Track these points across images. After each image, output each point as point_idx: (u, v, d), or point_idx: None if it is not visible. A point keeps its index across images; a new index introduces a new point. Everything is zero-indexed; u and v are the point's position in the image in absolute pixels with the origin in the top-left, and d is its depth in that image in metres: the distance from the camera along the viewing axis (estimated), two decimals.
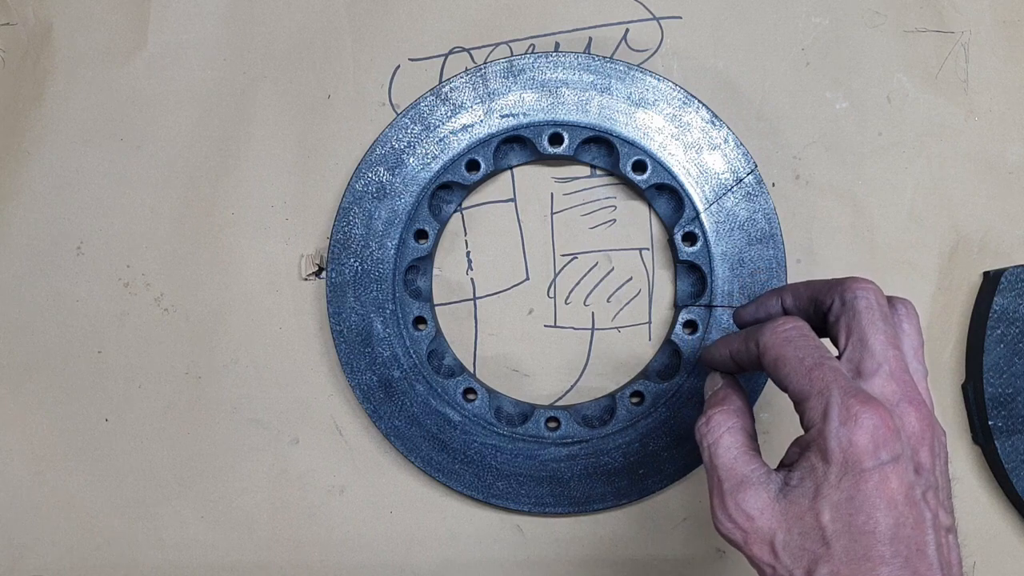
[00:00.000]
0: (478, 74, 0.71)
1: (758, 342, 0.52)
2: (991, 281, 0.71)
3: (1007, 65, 0.73)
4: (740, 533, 0.48)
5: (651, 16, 0.74)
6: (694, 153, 0.71)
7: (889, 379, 0.48)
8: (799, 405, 0.49)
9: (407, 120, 0.71)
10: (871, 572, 0.45)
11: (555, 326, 0.74)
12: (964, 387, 0.72)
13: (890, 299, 0.53)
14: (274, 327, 0.74)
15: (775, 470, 0.50)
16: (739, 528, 0.48)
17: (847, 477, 0.46)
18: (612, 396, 0.72)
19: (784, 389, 0.50)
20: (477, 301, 0.74)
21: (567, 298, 0.74)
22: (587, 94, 0.71)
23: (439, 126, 0.71)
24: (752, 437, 0.53)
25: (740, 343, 0.55)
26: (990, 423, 0.70)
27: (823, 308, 0.54)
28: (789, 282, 0.71)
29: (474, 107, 0.71)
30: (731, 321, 0.70)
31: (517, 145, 0.73)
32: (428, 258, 0.73)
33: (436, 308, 0.74)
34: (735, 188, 0.71)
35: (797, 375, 0.49)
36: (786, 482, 0.48)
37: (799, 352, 0.50)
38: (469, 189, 0.73)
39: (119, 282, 0.75)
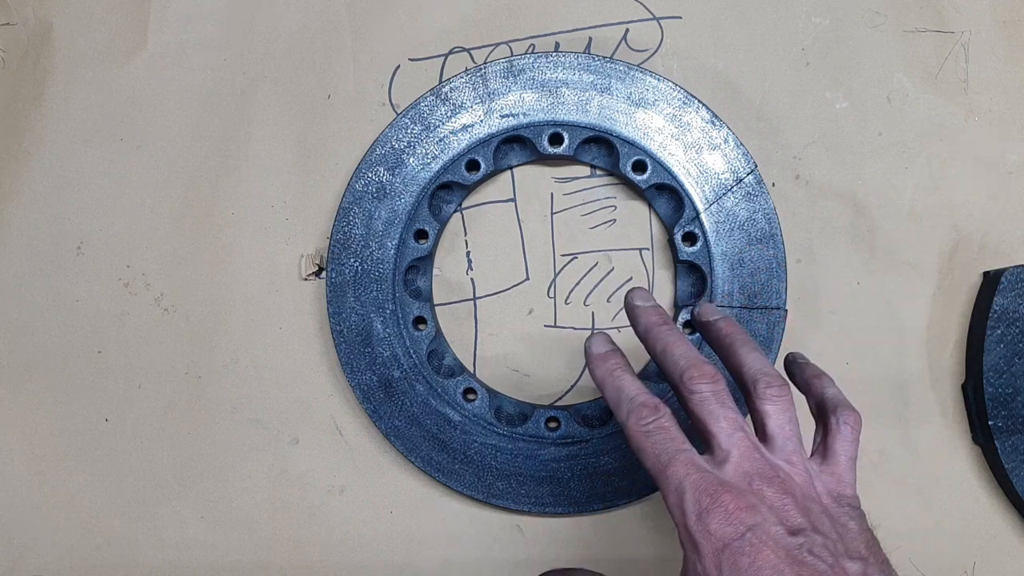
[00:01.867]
0: (478, 74, 0.71)
1: (626, 423, 0.52)
2: (991, 281, 0.71)
3: (1007, 65, 0.73)
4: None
5: (651, 16, 0.74)
6: (694, 153, 0.71)
7: (739, 463, 0.49)
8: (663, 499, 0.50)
9: (407, 120, 0.71)
10: None
11: (555, 326, 0.74)
12: (964, 387, 0.72)
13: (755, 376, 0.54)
14: (274, 327, 0.74)
15: None
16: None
17: (723, 564, 0.46)
18: None
19: None
20: (477, 301, 0.74)
21: (567, 298, 0.74)
22: (587, 94, 0.71)
23: (439, 126, 0.71)
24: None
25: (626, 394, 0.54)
26: (990, 423, 0.70)
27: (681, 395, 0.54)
28: (791, 284, 0.71)
29: (474, 107, 0.71)
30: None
31: (517, 145, 0.73)
32: (428, 258, 0.73)
33: (436, 308, 0.74)
34: (735, 188, 0.71)
35: (655, 471, 0.50)
36: None
37: (656, 447, 0.51)
38: (469, 189, 0.73)
39: (119, 282, 0.75)
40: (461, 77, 0.71)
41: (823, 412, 0.57)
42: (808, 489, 0.50)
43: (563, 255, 0.74)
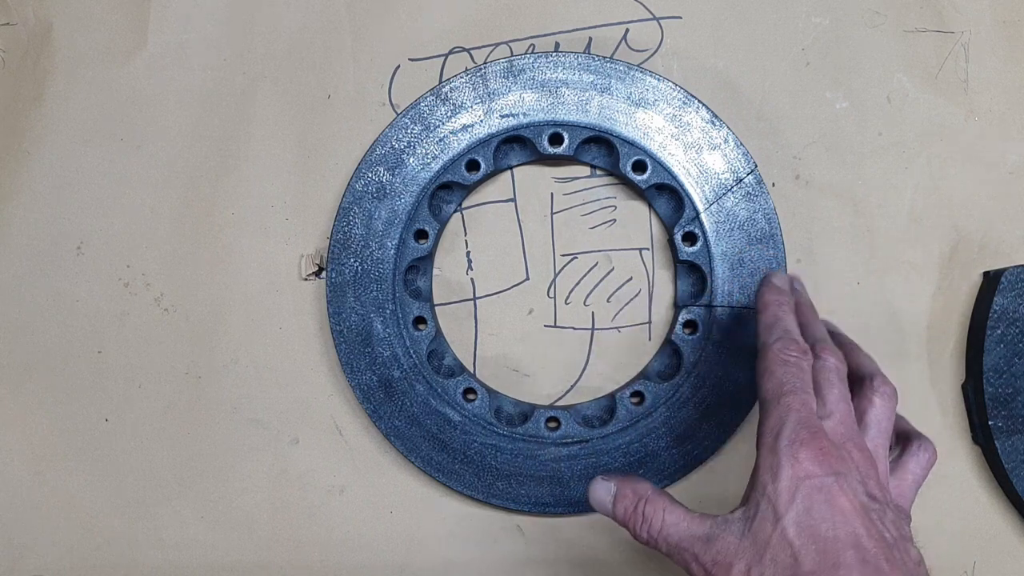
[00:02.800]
0: (478, 74, 0.71)
1: (770, 345, 0.55)
2: (991, 281, 0.71)
3: (1007, 65, 0.73)
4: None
5: (651, 16, 0.74)
6: (694, 153, 0.71)
7: (838, 424, 0.52)
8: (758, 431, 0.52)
9: (407, 120, 0.71)
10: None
11: (555, 326, 0.74)
12: (964, 387, 0.72)
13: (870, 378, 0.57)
14: (274, 327, 0.74)
15: (730, 514, 0.52)
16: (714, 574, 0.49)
17: (799, 491, 0.48)
18: (612, 396, 0.72)
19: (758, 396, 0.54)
20: (477, 301, 0.74)
21: (567, 298, 0.74)
22: (587, 94, 0.71)
23: (439, 126, 0.71)
24: (683, 505, 0.55)
25: (764, 327, 0.58)
26: (990, 423, 0.70)
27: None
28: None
29: (474, 107, 0.71)
30: (731, 322, 0.70)
31: (517, 145, 0.73)
32: (428, 258, 0.73)
33: (436, 308, 0.74)
34: (735, 188, 0.71)
35: (771, 394, 0.53)
36: (745, 516, 0.50)
37: (785, 376, 0.53)
38: (469, 189, 0.73)
39: (119, 282, 0.75)
40: (461, 77, 0.71)
41: (906, 435, 0.59)
42: (885, 479, 0.53)
43: (563, 255, 0.74)
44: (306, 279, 0.74)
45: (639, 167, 0.71)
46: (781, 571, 0.47)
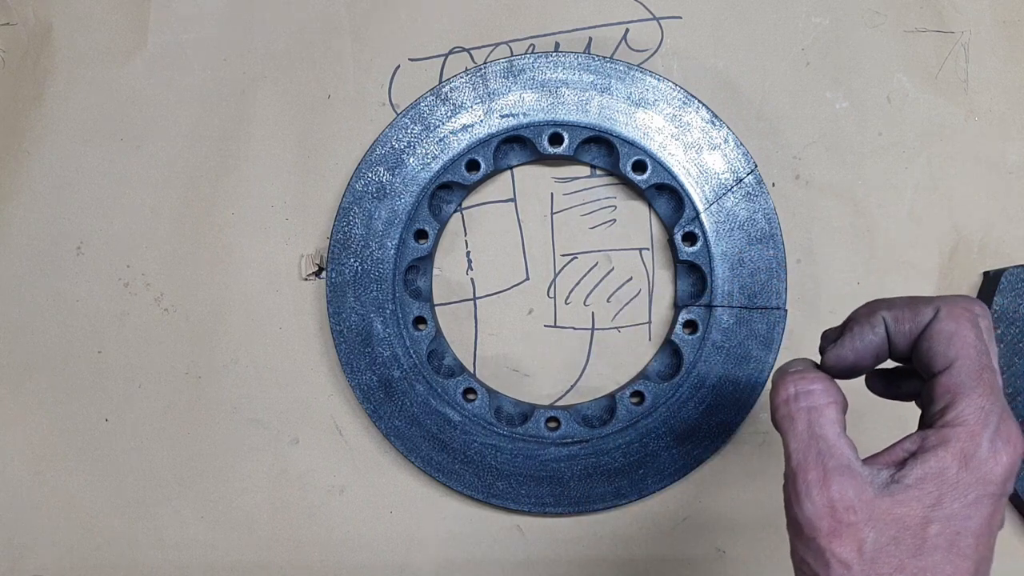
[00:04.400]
0: (478, 74, 0.71)
1: (939, 308, 0.45)
2: (991, 281, 0.71)
3: (1007, 65, 0.73)
4: (828, 521, 0.43)
5: (651, 16, 0.74)
6: (694, 153, 0.71)
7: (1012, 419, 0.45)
8: (948, 394, 0.44)
9: (407, 120, 0.71)
10: None
11: (555, 326, 0.74)
12: None
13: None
14: (274, 327, 0.74)
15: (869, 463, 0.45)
16: (830, 514, 0.42)
17: (970, 497, 0.42)
18: (612, 396, 0.72)
19: (933, 365, 0.44)
20: (477, 301, 0.74)
21: (567, 298, 0.74)
22: (587, 94, 0.71)
23: (439, 126, 0.71)
24: (845, 424, 0.46)
25: (906, 308, 0.46)
26: None
27: (922, 324, 0.46)
28: (791, 284, 0.71)
29: (474, 107, 0.71)
30: (731, 320, 0.70)
31: (517, 145, 0.73)
32: (428, 258, 0.73)
33: (436, 308, 0.74)
34: (735, 188, 0.71)
35: (969, 364, 0.43)
36: (895, 479, 0.43)
37: (979, 344, 0.44)
38: (469, 189, 0.73)
39: (119, 282, 0.75)
40: (461, 77, 0.71)
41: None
42: None
43: (563, 255, 0.74)
44: (306, 279, 0.74)
45: (639, 167, 0.71)
46: (893, 556, 0.42)
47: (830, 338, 0.50)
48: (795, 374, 0.47)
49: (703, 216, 0.71)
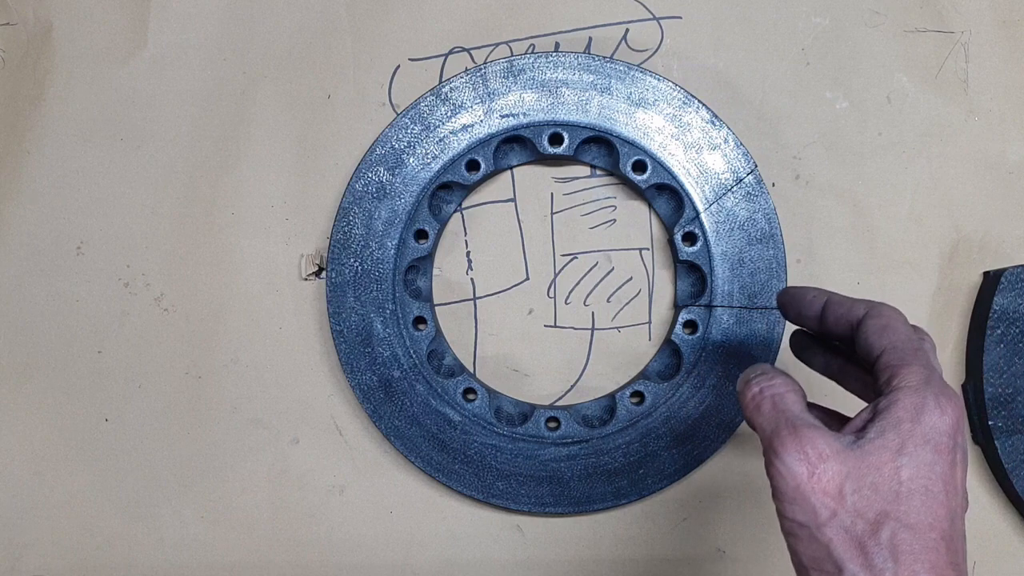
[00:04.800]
0: (478, 74, 0.71)
1: (870, 307, 0.52)
2: (991, 281, 0.71)
3: (1007, 65, 0.73)
4: (805, 466, 0.45)
5: (651, 16, 0.74)
6: (694, 153, 0.71)
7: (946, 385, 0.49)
8: (888, 368, 0.48)
9: (407, 120, 0.71)
10: (932, 544, 0.44)
11: (555, 326, 0.74)
12: (964, 387, 0.72)
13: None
14: (274, 327, 0.74)
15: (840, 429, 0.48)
16: (806, 461, 0.45)
17: (928, 446, 0.45)
18: (612, 396, 0.72)
19: (873, 352, 0.50)
20: (477, 301, 0.74)
21: (567, 298, 0.74)
22: (587, 94, 0.71)
23: (439, 126, 0.71)
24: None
25: (845, 300, 0.54)
26: (990, 423, 0.70)
27: (853, 320, 0.53)
28: (790, 284, 0.72)
29: (474, 107, 0.71)
30: (731, 322, 0.70)
31: (517, 145, 0.73)
32: (428, 258, 0.73)
33: (436, 308, 0.74)
34: (735, 188, 0.71)
35: (903, 344, 0.49)
36: (859, 437, 0.46)
37: (907, 331, 0.50)
38: (469, 189, 0.73)
39: (119, 282, 0.75)
40: (461, 77, 0.71)
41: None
42: None
43: (563, 255, 0.74)
44: (306, 279, 0.74)
45: (639, 167, 0.71)
46: (876, 501, 0.45)
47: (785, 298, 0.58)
48: (757, 376, 0.52)
49: (703, 216, 0.71)
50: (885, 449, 0.45)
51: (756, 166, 0.71)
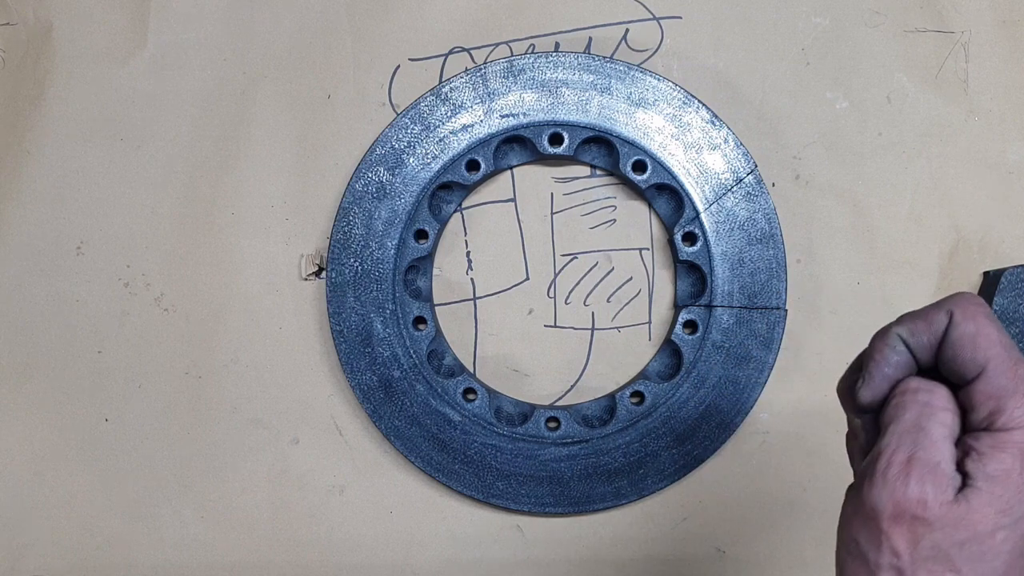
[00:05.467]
0: (478, 74, 0.71)
1: (952, 312, 0.44)
2: (991, 281, 0.71)
3: (1007, 65, 0.73)
4: (891, 507, 0.41)
5: (651, 16, 0.74)
6: (694, 153, 0.71)
7: None
8: (992, 400, 0.42)
9: (407, 120, 0.71)
10: None
11: (555, 326, 0.74)
12: None
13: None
14: (274, 327, 0.74)
15: None
16: (899, 503, 0.41)
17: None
18: (612, 396, 0.72)
19: (965, 375, 0.43)
20: (477, 301, 0.74)
21: (567, 298, 0.74)
22: (587, 94, 0.71)
23: (439, 126, 0.71)
24: (954, 441, 0.44)
25: (918, 320, 0.45)
26: None
27: (939, 332, 0.45)
28: (790, 288, 0.71)
29: (474, 107, 0.71)
30: (731, 320, 0.70)
31: (517, 145, 0.73)
32: (428, 258, 0.73)
33: (436, 308, 0.74)
34: (735, 188, 0.71)
35: (1002, 365, 0.42)
36: (967, 483, 0.42)
37: (1003, 338, 0.43)
38: (469, 189, 0.73)
39: (119, 282, 0.75)
40: (461, 77, 0.71)
41: None
42: None
43: (563, 255, 0.74)
44: (306, 279, 0.74)
45: (639, 167, 0.71)
46: (947, 561, 0.41)
47: (849, 380, 0.48)
48: (920, 378, 0.45)
49: (703, 216, 0.71)
50: (988, 507, 0.41)
51: (756, 166, 0.71)
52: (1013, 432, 0.42)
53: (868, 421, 0.47)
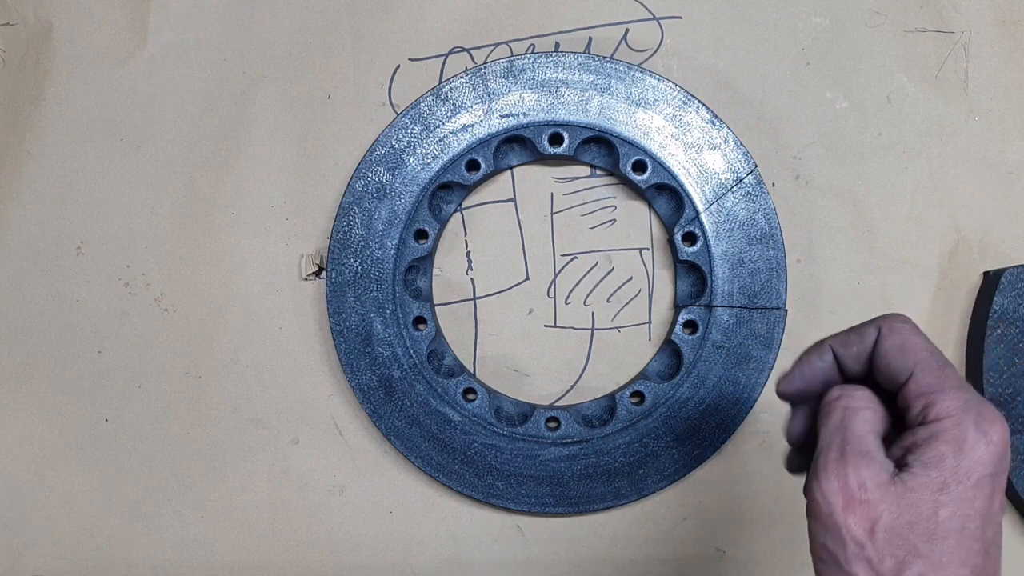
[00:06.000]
0: (478, 74, 0.71)
1: (880, 327, 0.49)
2: (991, 281, 0.71)
3: (1007, 65, 0.73)
4: (841, 497, 0.45)
5: (651, 16, 0.74)
6: (694, 153, 0.71)
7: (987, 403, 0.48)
8: (922, 397, 0.47)
9: (407, 120, 0.71)
10: None
11: (555, 326, 0.74)
12: None
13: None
14: (274, 327, 0.74)
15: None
16: (844, 491, 0.45)
17: (970, 481, 0.44)
18: (612, 396, 0.72)
19: (897, 378, 0.48)
20: (477, 301, 0.74)
21: (567, 298, 0.74)
22: (587, 94, 0.71)
23: (439, 126, 0.71)
24: (880, 434, 0.49)
25: (851, 334, 0.51)
26: None
27: (869, 344, 0.50)
28: (790, 289, 0.71)
29: (474, 107, 0.71)
30: (731, 320, 0.70)
31: (517, 145, 0.73)
32: (428, 258, 0.73)
33: (436, 308, 0.74)
34: (735, 188, 0.71)
35: (928, 367, 0.47)
36: (902, 468, 0.45)
37: (928, 346, 0.48)
38: (469, 189, 0.73)
39: (119, 282, 0.75)
40: (461, 77, 0.71)
41: None
42: None
43: (563, 255, 0.74)
44: (306, 279, 0.74)
45: (639, 167, 0.71)
46: (908, 541, 0.44)
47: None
48: (842, 386, 0.50)
49: (703, 216, 0.71)
50: (926, 488, 0.45)
51: (756, 166, 0.71)
52: (944, 421, 0.45)
53: (799, 413, 0.53)
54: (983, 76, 0.73)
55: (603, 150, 0.72)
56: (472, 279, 0.74)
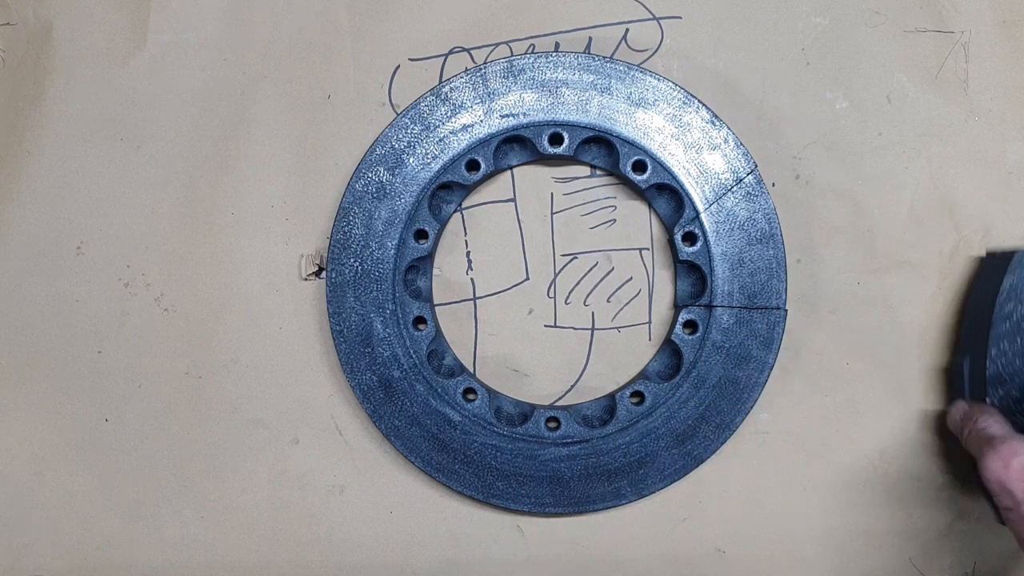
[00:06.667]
0: (478, 74, 0.71)
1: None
2: (997, 261, 0.69)
3: (1007, 65, 0.73)
4: (1000, 463, 0.58)
5: (651, 16, 0.74)
6: (694, 153, 0.71)
7: None
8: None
9: (407, 120, 0.71)
10: None
11: (555, 326, 0.74)
12: (955, 368, 0.71)
13: None
14: (274, 327, 0.74)
15: None
16: (1000, 459, 0.58)
17: None
18: (612, 396, 0.72)
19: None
20: (477, 301, 0.74)
21: (567, 298, 0.74)
22: (587, 94, 0.71)
23: (439, 126, 0.71)
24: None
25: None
26: (987, 401, 0.69)
27: None
28: (790, 289, 0.71)
29: (474, 107, 0.71)
30: (731, 320, 0.70)
31: (517, 145, 0.73)
32: (428, 258, 0.73)
33: (436, 308, 0.74)
34: (735, 188, 0.71)
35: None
36: None
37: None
38: (469, 189, 0.73)
39: (119, 282, 0.75)
40: (461, 77, 0.71)
41: None
42: None
43: (563, 255, 0.74)
44: (306, 279, 0.74)
45: (639, 167, 0.71)
46: None
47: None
48: (962, 417, 0.68)
49: (703, 216, 0.71)
50: None
51: (756, 166, 0.71)
52: None
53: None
54: (983, 76, 0.73)
55: (603, 150, 0.72)
56: (472, 279, 0.74)
